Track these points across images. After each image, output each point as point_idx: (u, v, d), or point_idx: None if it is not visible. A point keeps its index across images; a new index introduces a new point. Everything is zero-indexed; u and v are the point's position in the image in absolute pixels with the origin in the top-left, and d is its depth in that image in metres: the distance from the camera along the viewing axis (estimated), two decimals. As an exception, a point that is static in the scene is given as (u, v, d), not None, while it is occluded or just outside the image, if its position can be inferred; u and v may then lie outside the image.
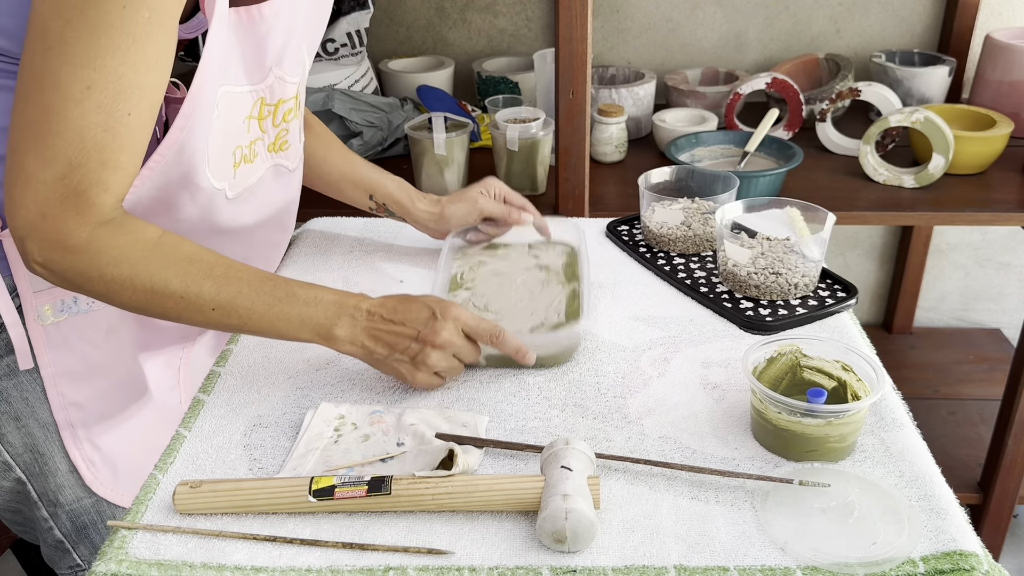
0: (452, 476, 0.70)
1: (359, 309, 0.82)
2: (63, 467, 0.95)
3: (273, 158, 0.94)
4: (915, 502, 0.70)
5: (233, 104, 0.84)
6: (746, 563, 0.65)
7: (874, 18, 1.85)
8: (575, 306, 0.96)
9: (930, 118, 1.44)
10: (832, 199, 1.45)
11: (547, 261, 1.07)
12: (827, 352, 0.80)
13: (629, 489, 0.73)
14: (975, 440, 1.81)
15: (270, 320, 0.80)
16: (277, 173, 0.96)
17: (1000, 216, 1.42)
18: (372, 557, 0.67)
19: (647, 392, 0.86)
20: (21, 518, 1.01)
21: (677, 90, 1.74)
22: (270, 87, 0.88)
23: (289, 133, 0.95)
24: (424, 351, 0.82)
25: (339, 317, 0.82)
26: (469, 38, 1.91)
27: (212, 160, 0.84)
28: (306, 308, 0.81)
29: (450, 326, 0.82)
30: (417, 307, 0.83)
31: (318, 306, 0.81)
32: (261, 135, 0.90)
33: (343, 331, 0.82)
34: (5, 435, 0.91)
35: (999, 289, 2.13)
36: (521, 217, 1.08)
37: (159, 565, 0.66)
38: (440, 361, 0.83)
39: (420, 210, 1.10)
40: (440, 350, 0.83)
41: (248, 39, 0.82)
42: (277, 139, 0.93)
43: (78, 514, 0.97)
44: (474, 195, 1.08)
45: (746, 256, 0.97)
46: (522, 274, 1.04)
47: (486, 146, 1.65)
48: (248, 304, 0.79)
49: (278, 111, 0.91)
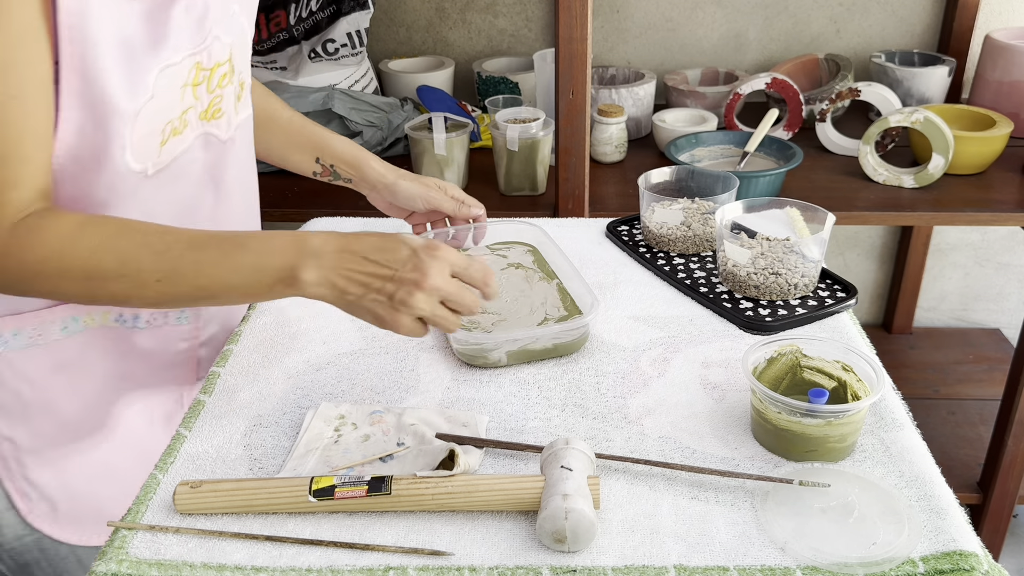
0: (452, 476, 0.70)
1: (325, 249, 0.73)
2: (1, 503, 0.90)
3: (203, 126, 0.86)
4: (915, 502, 0.70)
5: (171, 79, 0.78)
6: (746, 563, 0.65)
7: (874, 18, 1.85)
8: (569, 300, 0.97)
9: (930, 118, 1.44)
10: (832, 199, 1.45)
11: (516, 259, 1.07)
12: (827, 352, 0.80)
13: (629, 489, 0.73)
14: (975, 440, 1.81)
15: (223, 276, 0.72)
16: (207, 143, 0.87)
17: (1000, 216, 1.42)
18: (372, 557, 0.67)
19: (647, 392, 0.86)
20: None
21: (677, 90, 1.74)
22: (208, 49, 0.81)
23: (223, 100, 0.87)
24: (404, 290, 0.73)
25: (302, 258, 0.72)
26: (469, 38, 1.91)
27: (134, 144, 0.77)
28: (261, 256, 0.72)
29: (437, 266, 0.73)
30: (394, 244, 0.74)
31: (275, 251, 0.73)
32: (194, 102, 0.82)
33: (310, 273, 0.72)
34: None
35: (999, 289, 2.13)
36: (471, 211, 1.04)
37: (159, 565, 0.66)
38: (424, 304, 0.73)
39: (374, 170, 1.04)
40: (424, 291, 0.73)
41: None
42: (210, 106, 0.85)
43: (20, 552, 0.92)
44: (431, 183, 1.04)
45: (746, 256, 0.97)
46: (501, 275, 1.03)
47: (486, 146, 1.65)
48: (194, 266, 0.71)
49: (213, 76, 0.83)
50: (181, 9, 0.77)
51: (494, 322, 0.94)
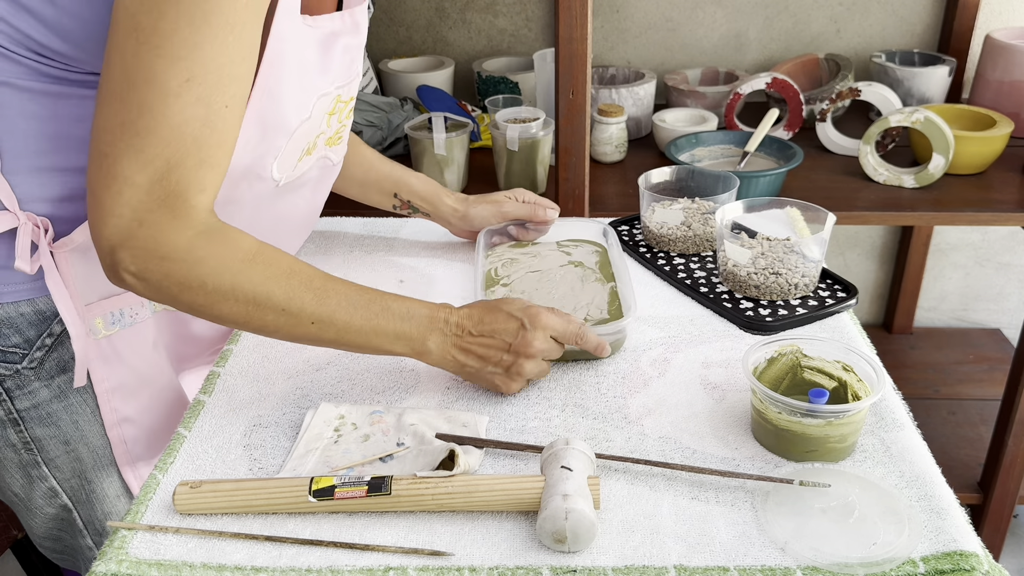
0: (452, 476, 0.70)
1: (448, 323, 0.81)
2: (111, 492, 0.94)
3: (325, 150, 0.93)
4: (915, 502, 0.70)
5: (323, 106, 0.84)
6: (746, 563, 0.65)
7: (874, 18, 1.85)
8: (616, 305, 0.96)
9: (930, 118, 1.44)
10: (832, 199, 1.45)
11: (580, 258, 1.07)
12: (827, 352, 0.80)
13: (629, 489, 0.73)
14: (975, 440, 1.81)
15: (366, 334, 0.79)
16: (323, 166, 0.95)
17: (1000, 216, 1.42)
18: (372, 557, 0.67)
19: (647, 392, 0.86)
20: (62, 546, 0.99)
21: (677, 90, 1.74)
22: (349, 84, 0.88)
23: (344, 128, 0.95)
24: (518, 362, 0.82)
25: (430, 332, 0.81)
26: (469, 38, 1.91)
27: (284, 155, 0.83)
28: (401, 323, 0.80)
29: (540, 335, 0.82)
30: (503, 317, 0.82)
31: (411, 320, 0.80)
32: (326, 129, 0.90)
33: (434, 345, 0.81)
34: (53, 459, 0.90)
35: (999, 289, 2.13)
36: (547, 213, 1.09)
37: (159, 565, 0.66)
38: (532, 369, 0.83)
39: (447, 206, 1.11)
40: (533, 359, 0.82)
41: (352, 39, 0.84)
42: (336, 134, 0.93)
43: None
44: (500, 198, 1.10)
45: (746, 256, 0.97)
46: (558, 271, 1.04)
47: (486, 146, 1.65)
48: (347, 318, 0.78)
49: (345, 108, 0.91)
50: (341, 47, 0.84)
51: None
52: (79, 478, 0.92)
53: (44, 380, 0.86)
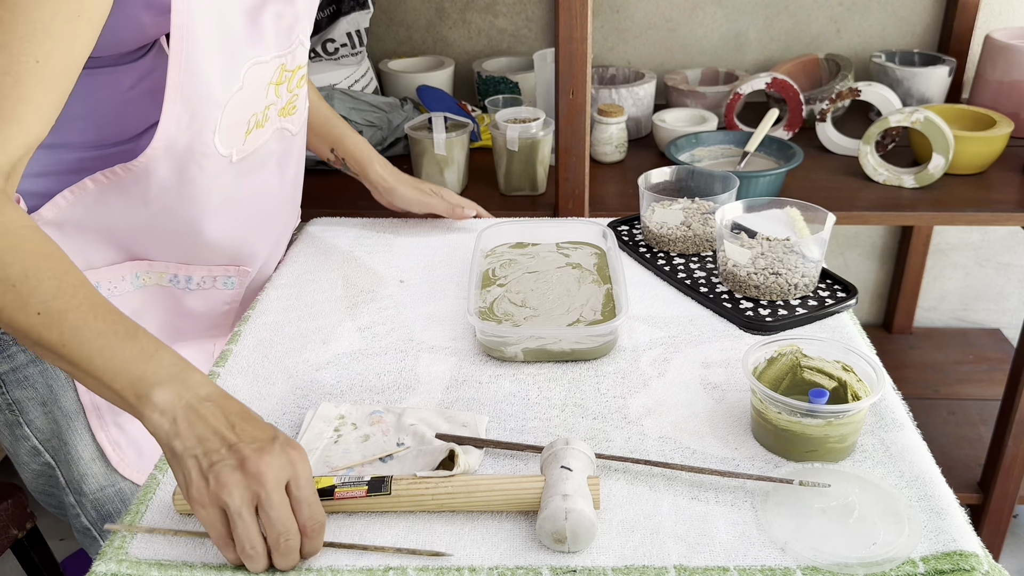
0: (452, 476, 0.70)
1: (198, 388, 0.67)
2: (86, 455, 0.96)
3: (280, 121, 0.95)
4: (915, 502, 0.70)
5: (259, 75, 0.85)
6: (746, 563, 0.65)
7: (874, 18, 1.85)
8: (610, 307, 0.96)
9: (930, 118, 1.44)
10: (832, 199, 1.45)
11: (578, 260, 1.07)
12: (827, 352, 0.80)
13: (629, 489, 0.73)
14: (975, 440, 1.81)
15: (89, 350, 0.66)
16: (280, 136, 0.96)
17: (1000, 216, 1.42)
18: (372, 557, 0.67)
19: (647, 392, 0.86)
20: (55, 501, 1.03)
21: (677, 90, 1.74)
22: (292, 52, 0.89)
23: (298, 99, 0.96)
24: (226, 465, 0.62)
25: (169, 382, 0.66)
26: (469, 38, 1.91)
27: (223, 129, 0.84)
28: (138, 356, 0.66)
29: (279, 464, 0.63)
30: (261, 424, 0.67)
31: (152, 360, 0.67)
32: (276, 100, 0.91)
33: (163, 396, 0.65)
34: (33, 420, 0.93)
35: (999, 289, 2.13)
36: (465, 212, 1.18)
37: (159, 565, 0.66)
38: (235, 490, 0.62)
39: (376, 173, 1.17)
40: (249, 477, 0.62)
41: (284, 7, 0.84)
42: (288, 104, 0.94)
43: (102, 503, 0.99)
44: (427, 189, 1.18)
45: (746, 256, 0.97)
46: (555, 272, 1.04)
47: (486, 146, 1.65)
48: (78, 323, 0.66)
49: (293, 77, 0.92)
50: (272, 15, 0.85)
51: (527, 316, 0.94)
52: (57, 439, 0.94)
53: (20, 344, 0.87)
